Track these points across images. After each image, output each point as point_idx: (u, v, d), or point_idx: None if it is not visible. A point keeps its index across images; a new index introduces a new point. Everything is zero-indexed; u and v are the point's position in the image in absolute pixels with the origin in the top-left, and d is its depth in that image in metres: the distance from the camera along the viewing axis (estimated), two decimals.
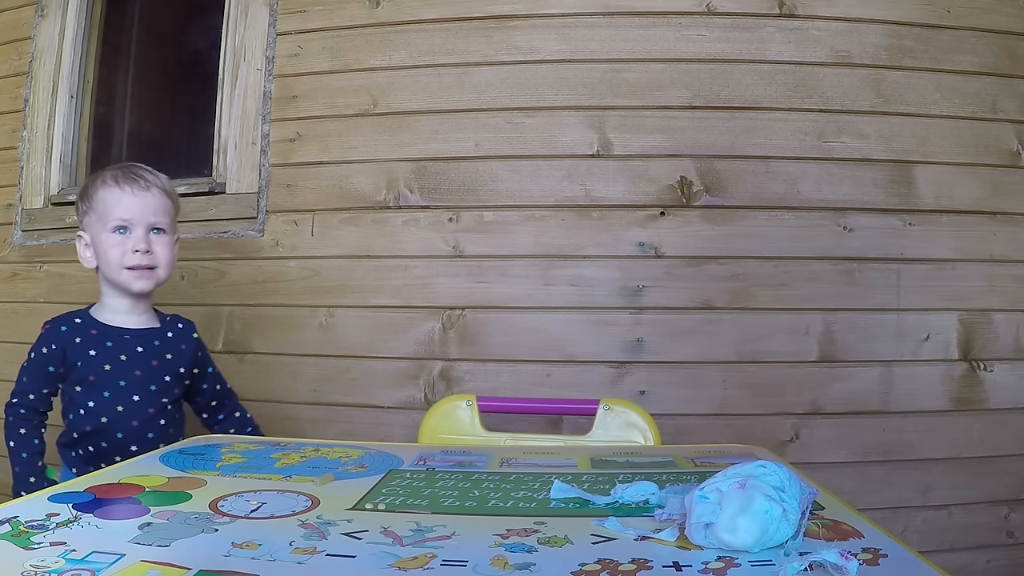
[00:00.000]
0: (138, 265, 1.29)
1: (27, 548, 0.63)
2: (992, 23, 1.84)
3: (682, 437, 1.70)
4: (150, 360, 1.32)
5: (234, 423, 1.48)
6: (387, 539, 0.69)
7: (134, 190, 1.29)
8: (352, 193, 1.92)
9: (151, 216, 1.30)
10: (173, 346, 1.36)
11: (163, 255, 1.32)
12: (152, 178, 1.33)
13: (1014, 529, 1.80)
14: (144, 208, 1.30)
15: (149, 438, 1.28)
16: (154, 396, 1.30)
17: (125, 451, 1.25)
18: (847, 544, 0.66)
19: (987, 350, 1.81)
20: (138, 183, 1.30)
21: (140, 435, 1.27)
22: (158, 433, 1.29)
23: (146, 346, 1.33)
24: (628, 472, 0.97)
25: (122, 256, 1.28)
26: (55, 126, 2.17)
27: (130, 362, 1.30)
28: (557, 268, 1.84)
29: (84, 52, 2.22)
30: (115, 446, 1.26)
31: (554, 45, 1.87)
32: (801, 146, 1.82)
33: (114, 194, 1.29)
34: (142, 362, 1.31)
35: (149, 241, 1.30)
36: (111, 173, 1.32)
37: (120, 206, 1.29)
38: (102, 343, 1.30)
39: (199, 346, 1.42)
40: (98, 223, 1.30)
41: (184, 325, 1.41)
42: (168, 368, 1.33)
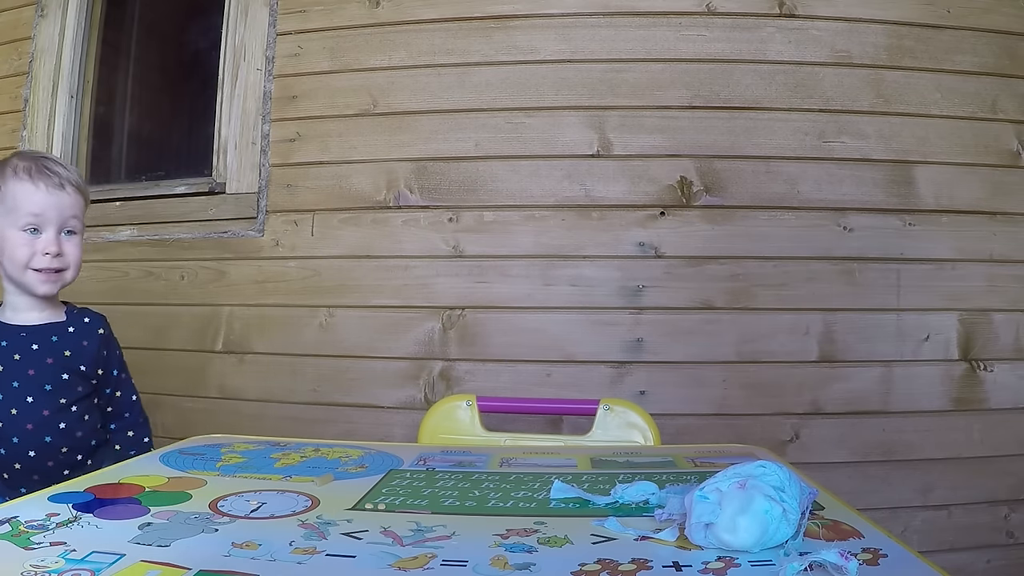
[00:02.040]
0: (47, 268, 1.21)
1: (27, 548, 0.63)
2: (992, 23, 1.84)
3: (682, 437, 1.70)
4: (45, 357, 1.22)
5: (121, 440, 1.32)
6: (387, 539, 0.69)
7: (48, 187, 1.20)
8: (352, 193, 1.92)
9: (65, 216, 1.22)
10: (74, 342, 1.25)
11: (73, 256, 1.24)
12: (66, 174, 1.23)
13: (1014, 529, 1.80)
14: (59, 208, 1.21)
15: (47, 442, 1.18)
16: (49, 396, 1.20)
17: (23, 457, 1.17)
18: (847, 544, 0.66)
19: (987, 350, 1.81)
20: (52, 179, 1.21)
21: (36, 439, 1.18)
22: (57, 436, 1.19)
23: (42, 343, 1.23)
24: (628, 472, 0.97)
25: (31, 257, 1.20)
26: (55, 126, 2.17)
27: (23, 361, 1.21)
28: (557, 268, 1.84)
29: (84, 52, 2.22)
30: (12, 451, 1.18)
31: (554, 45, 1.87)
32: (801, 146, 1.82)
33: (27, 189, 1.19)
34: (36, 360, 1.21)
35: (60, 243, 1.21)
36: (23, 164, 1.22)
37: (32, 203, 1.19)
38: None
39: (104, 343, 1.29)
40: (5, 216, 1.20)
41: (91, 319, 1.30)
42: (66, 366, 1.23)
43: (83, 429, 1.24)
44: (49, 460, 1.19)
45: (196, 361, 1.97)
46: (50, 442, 1.19)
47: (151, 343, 1.94)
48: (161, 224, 2.06)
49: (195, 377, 1.96)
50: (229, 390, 1.95)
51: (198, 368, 1.96)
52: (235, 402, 1.95)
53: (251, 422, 1.92)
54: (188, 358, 1.97)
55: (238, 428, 1.87)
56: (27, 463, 1.17)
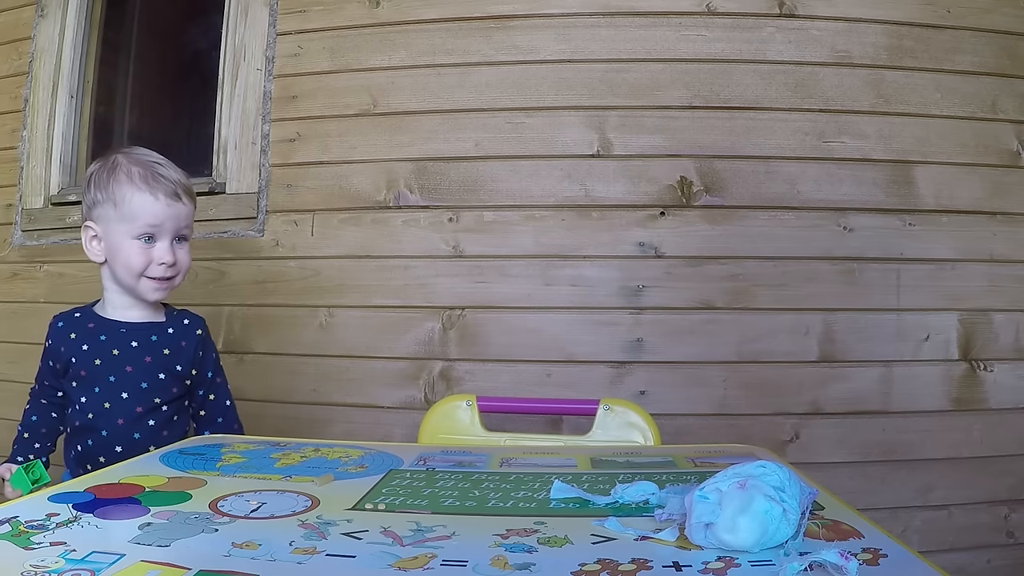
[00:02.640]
0: (161, 276, 1.23)
1: (27, 548, 0.63)
2: (992, 23, 1.84)
3: (682, 437, 1.70)
4: (143, 356, 1.24)
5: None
6: (387, 539, 0.69)
7: (168, 199, 1.21)
8: (352, 193, 1.92)
9: (180, 226, 1.24)
10: (173, 342, 1.27)
11: (185, 262, 1.26)
12: (179, 180, 1.24)
13: (1014, 529, 1.80)
14: (176, 219, 1.23)
15: (135, 439, 1.20)
16: (144, 394, 1.23)
17: (109, 451, 1.19)
18: (847, 544, 0.66)
19: (987, 350, 1.81)
20: (170, 188, 1.22)
21: (125, 435, 1.20)
22: (145, 435, 1.21)
23: (141, 340, 1.25)
24: (628, 472, 0.96)
25: (147, 266, 1.22)
26: (55, 126, 2.17)
27: (122, 357, 1.23)
28: (557, 268, 1.84)
29: (84, 52, 2.22)
30: (100, 445, 1.21)
31: (554, 45, 1.87)
32: (801, 146, 1.82)
33: (145, 200, 1.20)
34: (135, 357, 1.23)
35: (174, 251, 1.24)
36: (137, 171, 1.22)
37: (151, 214, 1.21)
38: (96, 337, 1.24)
39: (201, 345, 1.31)
40: (119, 223, 1.21)
41: (191, 321, 1.32)
42: (163, 365, 1.25)
43: (171, 430, 1.25)
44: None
45: None
46: (138, 439, 1.21)
47: None
48: None
49: None
50: None
51: None
52: (235, 402, 1.95)
53: (251, 422, 1.91)
54: None
55: None
56: (112, 458, 1.17)
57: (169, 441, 1.21)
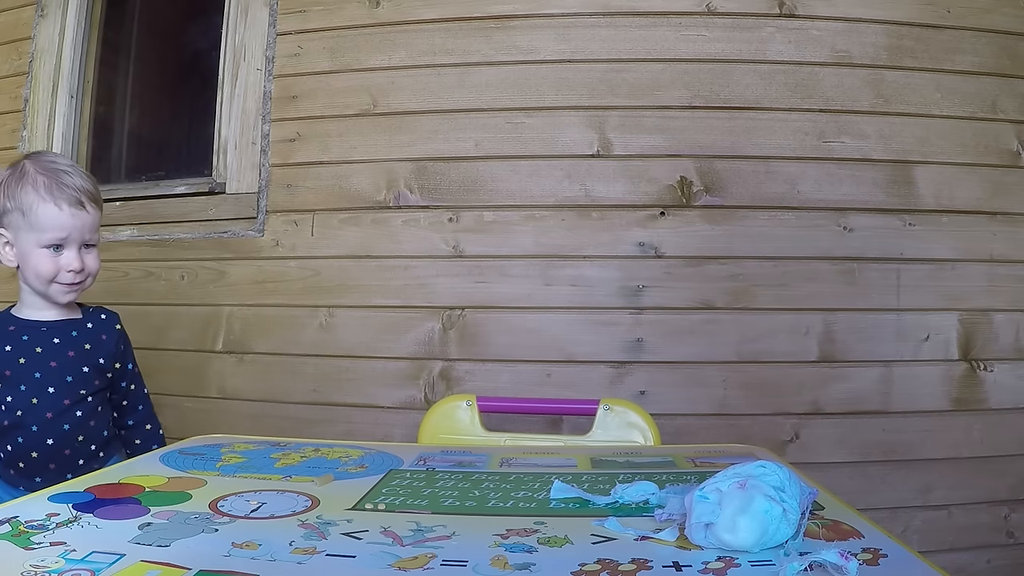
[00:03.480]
0: (70, 282, 1.28)
1: (27, 548, 0.64)
2: (992, 23, 1.84)
3: (682, 437, 1.70)
4: (66, 351, 1.28)
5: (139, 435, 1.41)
6: (387, 539, 0.69)
7: (72, 209, 1.25)
8: (352, 193, 1.92)
9: (85, 234, 1.28)
10: (93, 336, 1.33)
11: (93, 267, 1.31)
12: (86, 189, 1.28)
13: (1014, 529, 1.80)
14: (80, 227, 1.27)
15: (65, 430, 1.24)
16: (70, 387, 1.27)
17: (41, 444, 1.23)
18: (847, 544, 0.66)
19: (987, 350, 1.81)
20: (73, 198, 1.25)
21: (55, 427, 1.24)
22: (75, 425, 1.25)
23: (63, 337, 1.29)
24: (628, 472, 0.97)
25: (56, 273, 1.26)
26: (55, 126, 2.17)
27: (45, 354, 1.27)
28: (557, 268, 1.84)
29: (84, 52, 2.22)
30: (30, 439, 1.23)
31: (554, 45, 1.87)
32: (801, 146, 1.82)
33: (50, 211, 1.24)
34: (58, 353, 1.28)
35: (81, 258, 1.28)
36: (42, 180, 1.24)
37: (56, 225, 1.24)
38: (18, 338, 1.28)
39: (121, 339, 1.37)
40: (27, 232, 1.25)
41: (107, 316, 1.38)
42: (86, 359, 1.30)
43: (96, 419, 1.30)
44: (66, 448, 1.25)
45: (196, 361, 1.97)
46: (67, 430, 1.25)
47: (151, 343, 1.94)
48: (161, 224, 2.06)
49: (195, 377, 1.96)
50: (229, 390, 1.95)
51: (198, 368, 1.96)
52: (235, 402, 1.95)
53: (251, 422, 1.92)
54: (188, 358, 1.97)
55: (238, 428, 1.87)
56: (44, 451, 1.23)
57: (96, 430, 1.28)
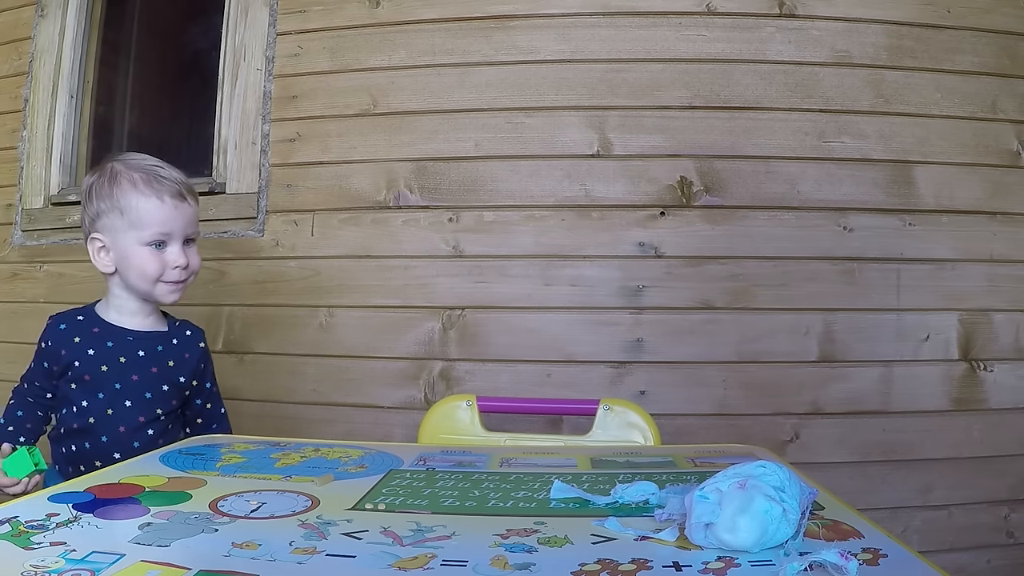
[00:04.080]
0: (177, 280, 1.23)
1: (27, 548, 0.63)
2: (992, 23, 1.84)
3: (682, 437, 1.70)
4: (150, 366, 1.24)
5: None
6: (387, 539, 0.69)
7: (174, 201, 1.21)
8: (352, 193, 1.92)
9: (188, 228, 1.24)
10: (177, 353, 1.28)
11: (197, 264, 1.27)
12: (184, 183, 1.24)
13: (1014, 529, 1.80)
14: (184, 222, 1.23)
15: (134, 447, 1.19)
16: (148, 404, 1.23)
17: (107, 457, 1.18)
18: (847, 544, 0.66)
19: (987, 350, 1.81)
20: (174, 190, 1.21)
21: (125, 442, 1.20)
22: (144, 443, 1.20)
23: (148, 350, 1.25)
24: (628, 472, 0.96)
25: (162, 271, 1.22)
26: (55, 126, 2.17)
27: (129, 365, 1.23)
28: (557, 268, 1.84)
29: (84, 52, 2.22)
30: (97, 449, 1.20)
31: (554, 45, 1.87)
32: (801, 146, 1.82)
33: (152, 204, 1.20)
34: (142, 367, 1.24)
35: (185, 253, 1.24)
36: (139, 176, 1.21)
37: (160, 219, 1.20)
38: (103, 342, 1.24)
39: (203, 357, 1.33)
40: (127, 231, 1.21)
41: (192, 332, 1.33)
42: (168, 376, 1.26)
43: (166, 439, 1.24)
44: None
45: None
46: (136, 448, 1.19)
47: None
48: None
49: None
50: (229, 390, 1.94)
51: None
52: (235, 402, 1.94)
53: (251, 422, 1.92)
54: None
55: (238, 428, 1.85)
56: (109, 463, 1.16)
57: None
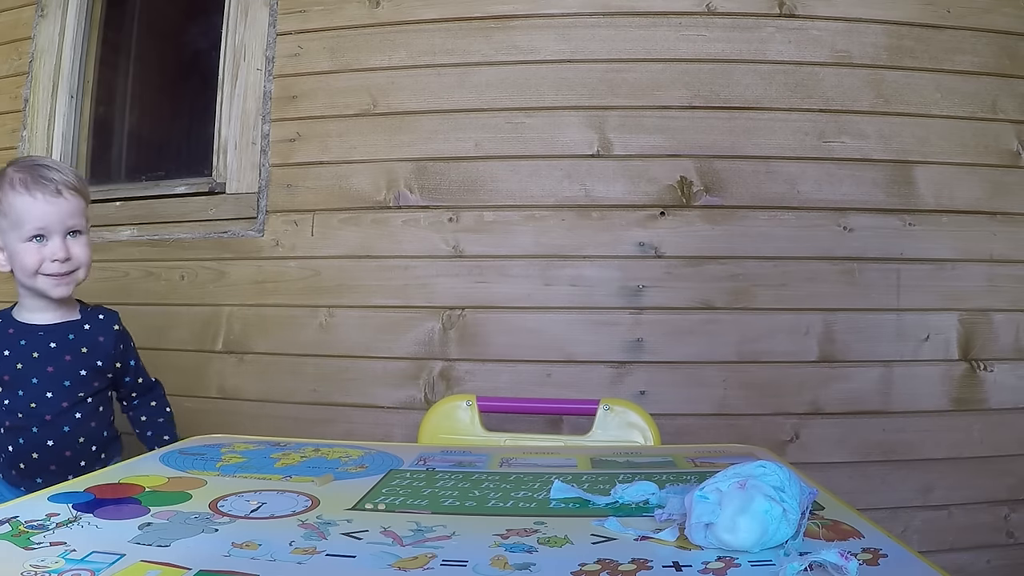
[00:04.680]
0: (57, 272, 1.26)
1: (27, 548, 0.64)
2: (992, 23, 1.84)
3: (682, 437, 1.70)
4: (63, 355, 1.29)
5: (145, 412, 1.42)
6: (387, 539, 0.69)
7: (47, 197, 1.25)
8: (352, 193, 1.92)
9: (66, 222, 1.27)
10: (90, 339, 1.32)
11: (82, 256, 1.29)
12: (62, 178, 1.27)
13: (1014, 529, 1.80)
14: (59, 215, 1.25)
15: (64, 432, 1.26)
16: (68, 391, 1.27)
17: (41, 446, 1.25)
18: (847, 544, 0.66)
19: (987, 350, 1.81)
20: (48, 187, 1.25)
21: (54, 429, 1.25)
22: (74, 427, 1.27)
23: (59, 341, 1.29)
24: (628, 472, 0.97)
25: (40, 264, 1.25)
26: (55, 126, 2.17)
27: (42, 359, 1.27)
28: (557, 268, 1.84)
29: (84, 52, 2.22)
30: (31, 441, 1.25)
31: (554, 45, 1.87)
32: (801, 146, 1.82)
33: (26, 202, 1.24)
34: (54, 358, 1.28)
35: (67, 247, 1.27)
36: (19, 176, 1.26)
37: (34, 215, 1.24)
38: (16, 342, 1.28)
39: (120, 338, 1.36)
40: (11, 230, 1.26)
41: (105, 316, 1.36)
42: (83, 362, 1.30)
43: (97, 420, 1.30)
44: (66, 450, 1.26)
45: (196, 361, 1.97)
46: (67, 432, 1.26)
47: (151, 343, 1.93)
48: (161, 224, 2.06)
49: (195, 377, 1.96)
50: (229, 390, 1.95)
51: (198, 368, 1.96)
52: (235, 402, 1.95)
53: (251, 422, 1.92)
54: (188, 358, 1.97)
55: (238, 428, 1.86)
56: (44, 452, 1.25)
57: (98, 430, 1.29)
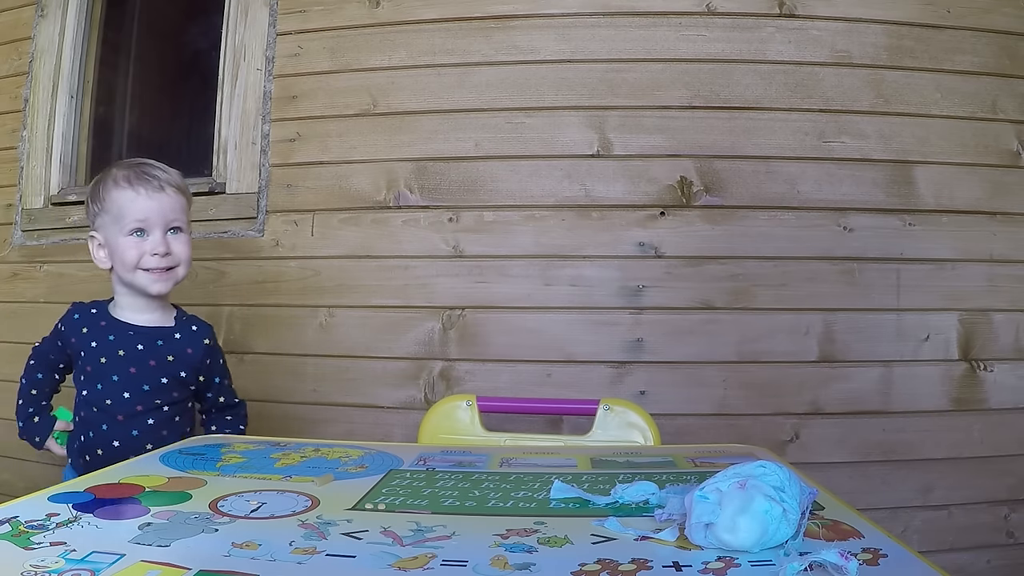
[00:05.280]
0: (157, 267, 1.28)
1: (27, 548, 0.63)
2: (992, 23, 1.84)
3: (682, 437, 1.70)
4: (148, 359, 1.29)
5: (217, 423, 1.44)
6: (387, 539, 0.69)
7: (149, 192, 1.27)
8: (352, 193, 1.92)
9: (168, 217, 1.29)
10: (178, 348, 1.33)
11: (183, 253, 1.31)
12: (165, 176, 1.30)
13: (1014, 529, 1.80)
14: (160, 209, 1.28)
15: (133, 436, 1.26)
16: (146, 395, 1.28)
17: (107, 445, 1.26)
18: (847, 544, 0.66)
19: (987, 350, 1.81)
20: (151, 183, 1.28)
21: (123, 431, 1.26)
22: (143, 432, 1.27)
23: (148, 344, 1.30)
24: (628, 472, 0.97)
25: (140, 258, 1.27)
26: (55, 126, 2.17)
27: (127, 358, 1.28)
28: (557, 268, 1.84)
29: (84, 52, 2.22)
30: (99, 437, 1.27)
31: (554, 45, 1.87)
32: (801, 146, 1.82)
33: (128, 196, 1.27)
34: (139, 360, 1.29)
35: (167, 242, 1.28)
36: (123, 173, 1.29)
37: (135, 208, 1.27)
38: (105, 336, 1.29)
39: (209, 353, 1.37)
40: (113, 225, 1.28)
41: (199, 328, 1.37)
42: (167, 370, 1.30)
43: (170, 429, 1.29)
44: (131, 453, 1.24)
45: None
46: (136, 436, 1.26)
47: None
48: None
49: None
50: None
51: None
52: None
53: (251, 422, 1.91)
54: None
55: None
56: (110, 451, 1.25)
57: (168, 440, 1.24)
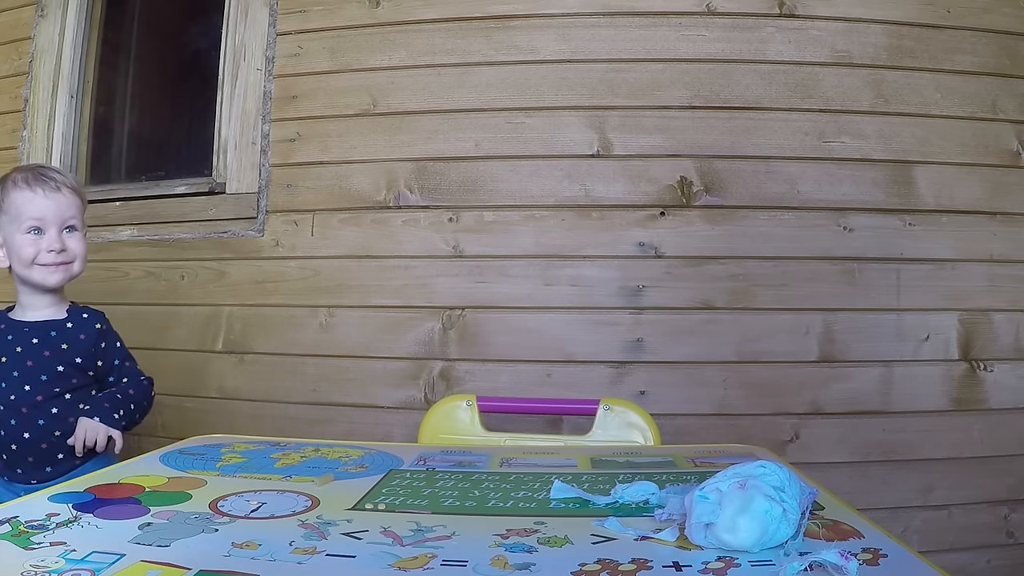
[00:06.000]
0: (52, 263, 1.33)
1: (27, 548, 0.64)
2: (992, 23, 1.84)
3: (682, 437, 1.70)
4: (42, 350, 1.34)
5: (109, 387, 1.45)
6: (387, 539, 0.69)
7: (46, 191, 1.33)
8: (352, 193, 1.92)
9: (64, 215, 1.34)
10: (71, 336, 1.37)
11: (78, 249, 1.37)
12: (61, 178, 1.37)
13: (1014, 529, 1.80)
14: (57, 208, 1.33)
15: (39, 425, 1.31)
16: (44, 385, 1.33)
17: (19, 438, 1.30)
18: (847, 544, 0.66)
19: (987, 350, 1.81)
20: (49, 184, 1.34)
21: (30, 422, 1.31)
22: (49, 421, 1.31)
23: (41, 337, 1.35)
24: (628, 472, 0.97)
25: (36, 255, 1.32)
26: (55, 126, 2.17)
27: (24, 353, 1.34)
28: (557, 268, 1.84)
29: (84, 52, 2.22)
30: (10, 433, 1.31)
31: (554, 45, 1.87)
32: (801, 146, 1.82)
33: (26, 196, 1.33)
34: (35, 352, 1.34)
35: (63, 240, 1.34)
36: (21, 176, 1.35)
37: (33, 208, 1.32)
38: (4, 337, 1.35)
39: (102, 337, 1.41)
40: (10, 224, 1.34)
41: (89, 315, 1.42)
42: (61, 357, 1.35)
43: (76, 416, 1.33)
44: (42, 443, 1.30)
45: (196, 361, 1.97)
46: (42, 425, 1.31)
47: (151, 343, 1.94)
48: (161, 224, 2.06)
49: (195, 377, 1.96)
50: (229, 390, 1.95)
51: (198, 368, 1.96)
52: (235, 402, 1.95)
53: (251, 422, 1.92)
54: (188, 358, 1.97)
55: (238, 428, 1.87)
56: (22, 445, 1.30)
57: (74, 427, 1.30)
